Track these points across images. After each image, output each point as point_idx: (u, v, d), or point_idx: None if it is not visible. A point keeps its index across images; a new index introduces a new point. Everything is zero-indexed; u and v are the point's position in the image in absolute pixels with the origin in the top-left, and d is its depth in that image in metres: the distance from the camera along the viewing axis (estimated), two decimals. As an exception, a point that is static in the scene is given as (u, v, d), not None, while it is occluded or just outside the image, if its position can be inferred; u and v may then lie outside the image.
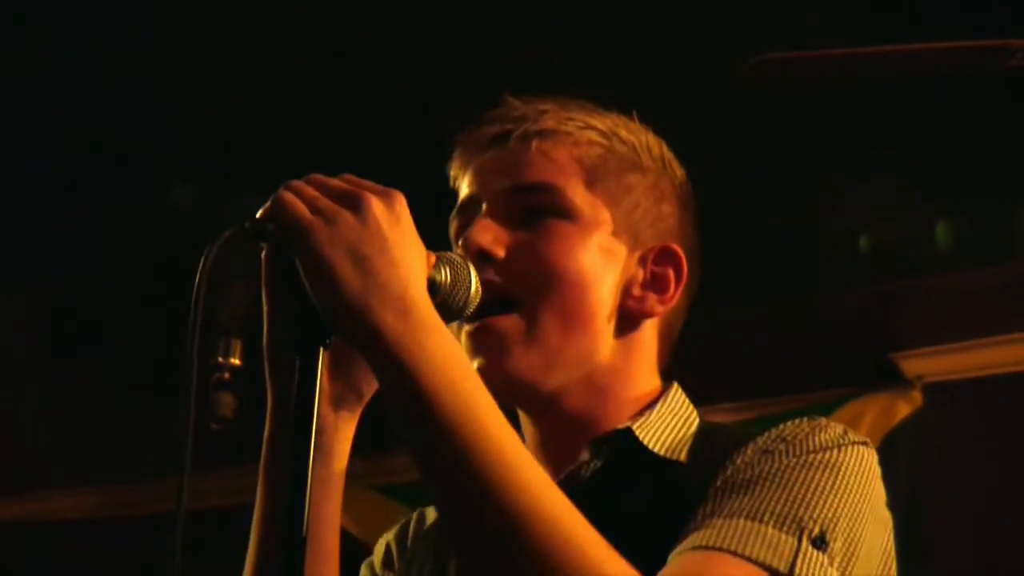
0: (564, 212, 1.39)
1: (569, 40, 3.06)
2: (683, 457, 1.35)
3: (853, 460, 1.30)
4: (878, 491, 1.33)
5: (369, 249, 1.15)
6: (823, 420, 1.34)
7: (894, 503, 1.43)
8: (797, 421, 1.34)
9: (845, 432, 1.33)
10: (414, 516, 1.54)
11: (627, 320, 1.41)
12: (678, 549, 1.21)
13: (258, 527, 1.32)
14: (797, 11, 2.90)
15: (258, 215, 1.18)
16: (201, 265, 1.12)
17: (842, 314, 4.12)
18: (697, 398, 1.46)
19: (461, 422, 1.14)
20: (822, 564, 1.22)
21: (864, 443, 1.33)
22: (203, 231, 1.15)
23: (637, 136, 1.47)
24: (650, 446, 1.35)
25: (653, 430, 1.37)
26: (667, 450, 1.36)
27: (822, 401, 4.11)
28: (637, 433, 1.36)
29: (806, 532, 1.23)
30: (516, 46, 3.03)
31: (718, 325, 3.75)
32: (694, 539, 1.21)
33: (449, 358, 1.16)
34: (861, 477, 1.31)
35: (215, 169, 3.57)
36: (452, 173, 1.47)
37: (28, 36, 3.20)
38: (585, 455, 1.36)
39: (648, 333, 1.44)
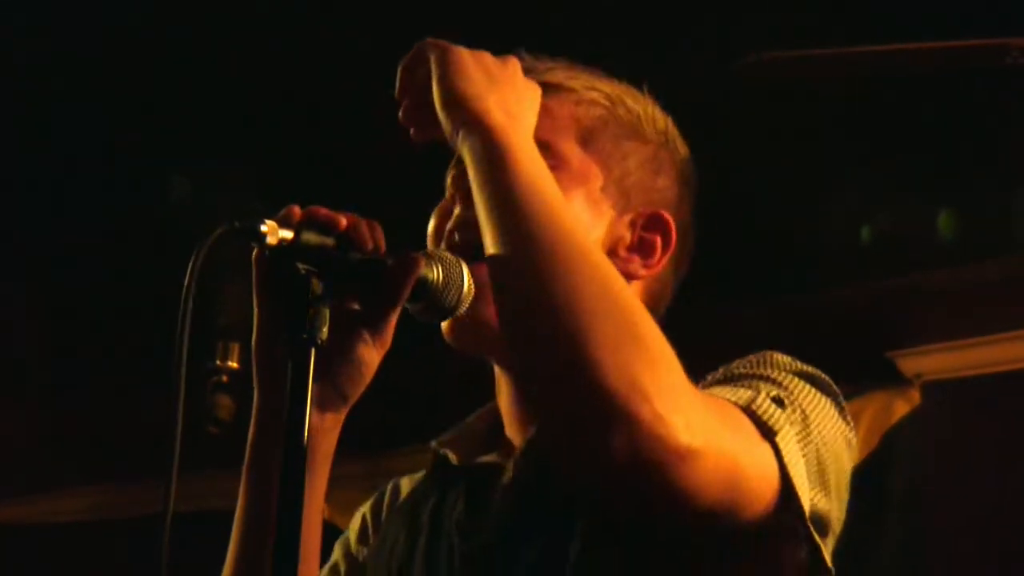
0: (552, 163, 1.37)
1: (567, 36, 3.05)
2: None
3: (802, 383, 1.31)
4: (829, 409, 1.32)
5: (499, 76, 1.30)
6: (771, 352, 1.35)
7: (894, 502, 1.43)
8: (747, 356, 1.36)
9: (793, 361, 1.34)
10: (388, 488, 1.54)
11: None
12: None
13: (239, 530, 1.32)
14: (797, 9, 2.90)
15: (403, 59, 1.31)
16: (190, 265, 1.12)
17: (839, 312, 4.11)
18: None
19: (544, 213, 1.20)
20: (781, 414, 1.24)
21: (820, 381, 1.34)
22: (199, 227, 1.15)
23: (643, 106, 1.48)
24: None
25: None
26: None
27: (820, 400, 4.10)
28: None
29: (763, 391, 1.26)
30: (515, 45, 3.02)
31: (714, 322, 3.75)
32: None
33: (538, 161, 1.25)
34: (811, 391, 1.31)
35: (217, 167, 3.57)
36: None
37: (28, 36, 3.20)
38: None
39: None
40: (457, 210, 1.38)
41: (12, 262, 4.07)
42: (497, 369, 1.42)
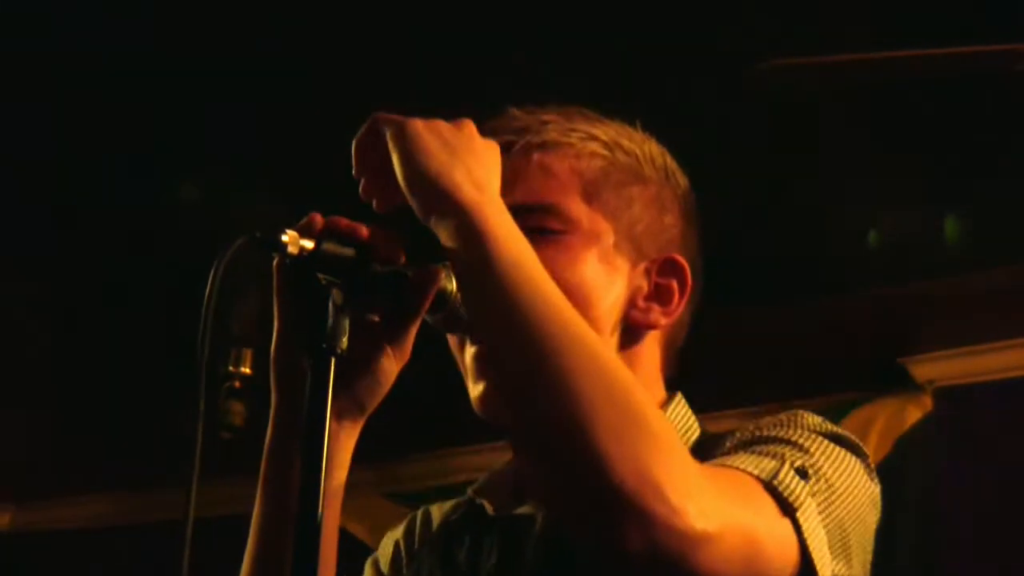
0: (563, 228, 1.39)
1: (571, 40, 3.06)
2: None
3: (830, 445, 1.31)
4: (863, 479, 1.32)
5: (459, 145, 1.25)
6: (800, 410, 1.35)
7: (905, 509, 1.44)
8: (776, 415, 1.35)
9: (824, 422, 1.33)
10: (419, 515, 1.54)
11: (630, 332, 1.42)
12: None
13: (255, 535, 1.32)
14: (803, 16, 2.90)
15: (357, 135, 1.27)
16: (211, 275, 1.13)
17: (851, 318, 4.11)
18: (704, 404, 1.47)
19: (528, 291, 1.18)
20: (804, 487, 1.23)
21: (849, 443, 1.33)
22: (215, 234, 1.16)
23: (640, 147, 1.47)
24: None
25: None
26: None
27: (831, 406, 4.10)
28: None
29: (788, 462, 1.25)
30: (515, 43, 3.03)
31: (725, 329, 3.75)
32: None
33: (516, 234, 1.22)
34: (845, 461, 1.30)
35: (224, 171, 3.57)
36: None
37: (29, 36, 3.21)
38: None
39: (651, 345, 1.44)
40: None
41: (23, 265, 4.07)
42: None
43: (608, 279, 1.40)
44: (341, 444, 1.31)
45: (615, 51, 3.03)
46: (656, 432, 1.14)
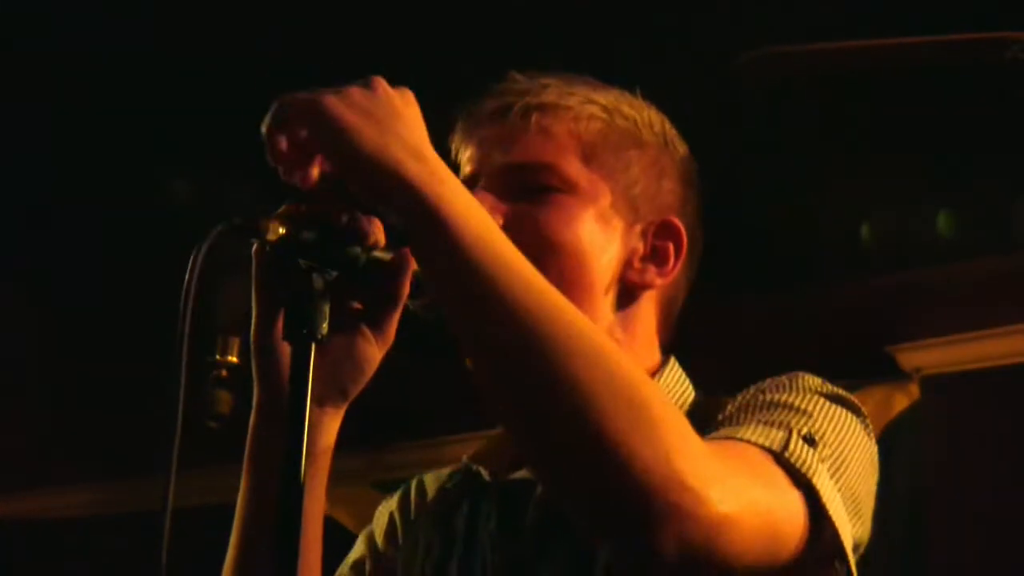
0: (561, 187, 1.40)
1: (566, 32, 3.06)
2: None
3: (832, 406, 1.31)
4: (865, 441, 1.33)
5: (382, 112, 1.16)
6: (801, 372, 1.36)
7: (892, 497, 1.45)
8: (776, 377, 1.36)
9: (824, 383, 1.34)
10: (412, 485, 1.54)
11: (626, 293, 1.42)
12: None
13: (240, 522, 1.32)
14: (795, 4, 2.90)
15: (264, 122, 1.18)
16: (191, 263, 1.12)
17: (838, 307, 4.12)
18: (693, 391, 1.46)
19: (488, 255, 1.12)
20: (813, 454, 1.23)
21: (849, 403, 1.34)
22: (200, 224, 1.15)
23: (639, 112, 1.47)
24: None
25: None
26: None
27: (819, 394, 4.10)
28: None
29: (795, 430, 1.24)
30: (515, 41, 3.02)
31: (712, 318, 3.75)
32: None
33: (466, 197, 1.16)
34: (846, 422, 1.31)
35: (217, 165, 3.57)
36: (453, 147, 1.48)
37: (29, 35, 3.20)
38: None
39: (646, 306, 1.45)
40: None
41: (11, 260, 4.07)
42: None
43: (604, 238, 1.40)
44: (324, 429, 1.30)
45: (606, 45, 3.03)
46: (665, 417, 1.10)
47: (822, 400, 1.31)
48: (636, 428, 1.08)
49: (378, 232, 1.25)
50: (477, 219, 1.15)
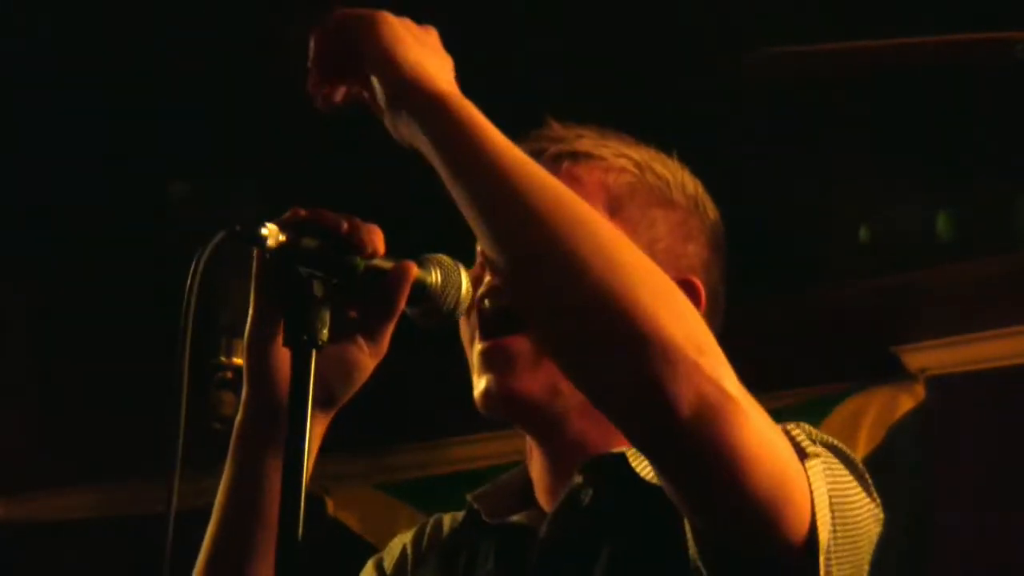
0: None
1: (568, 30, 3.06)
2: None
3: (827, 453, 1.30)
4: (853, 491, 1.31)
5: (429, 41, 1.27)
6: (790, 423, 1.33)
7: (898, 497, 1.43)
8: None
9: (811, 432, 1.32)
10: (430, 522, 1.54)
11: None
12: None
13: (218, 516, 1.32)
14: (799, 5, 2.89)
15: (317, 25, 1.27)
16: (192, 269, 1.12)
17: (843, 307, 4.11)
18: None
19: (510, 160, 1.18)
20: (811, 446, 1.24)
21: (843, 455, 1.32)
22: (205, 229, 1.16)
23: (672, 172, 1.47)
24: (641, 473, 1.35)
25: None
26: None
27: (823, 396, 4.10)
28: (631, 461, 1.35)
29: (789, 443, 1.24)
30: (517, 40, 3.02)
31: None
32: None
33: (489, 124, 1.22)
34: (839, 467, 1.30)
35: (217, 167, 3.57)
36: None
37: (29, 35, 3.20)
38: (578, 479, 1.36)
39: None
40: (487, 277, 1.38)
41: (11, 261, 4.07)
42: (528, 438, 1.43)
43: None
44: (310, 433, 1.30)
45: (610, 46, 3.03)
46: (685, 304, 1.17)
47: (822, 448, 1.29)
48: (664, 293, 1.15)
49: (378, 242, 1.25)
50: (501, 136, 1.20)
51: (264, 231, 1.19)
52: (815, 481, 1.21)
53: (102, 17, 3.10)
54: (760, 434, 1.15)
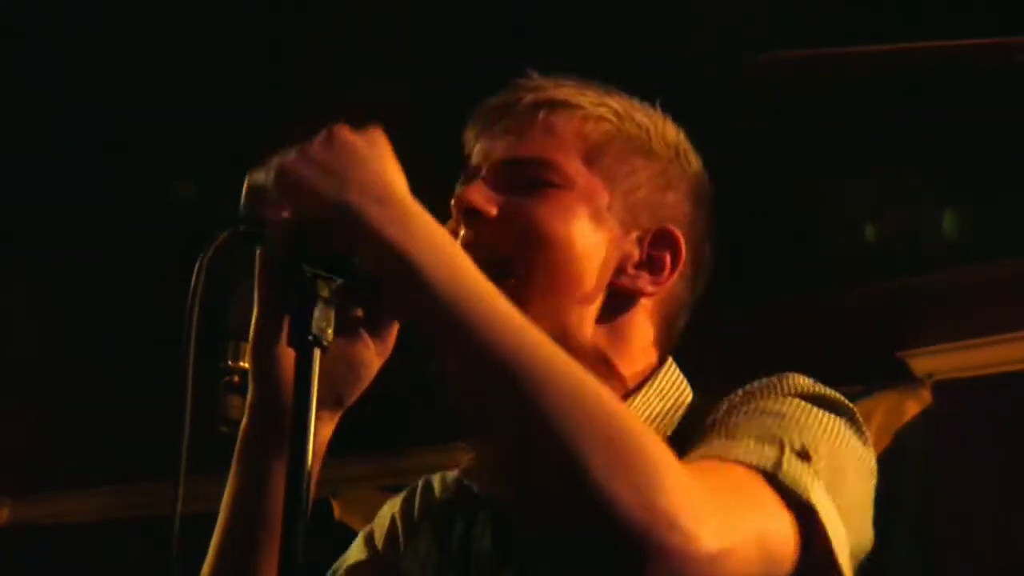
0: (557, 183, 1.38)
1: (569, 34, 3.06)
2: (668, 432, 1.35)
3: (824, 414, 1.29)
4: (856, 445, 1.30)
5: (341, 162, 1.16)
6: (790, 373, 1.33)
7: (904, 501, 1.42)
8: (767, 379, 1.33)
9: (815, 384, 1.32)
10: (420, 485, 1.53)
11: (618, 298, 1.40)
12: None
13: (225, 519, 1.31)
14: (805, 8, 2.89)
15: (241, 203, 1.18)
16: (196, 269, 1.12)
17: (850, 311, 4.11)
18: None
19: (459, 295, 1.11)
20: (807, 470, 1.20)
21: (838, 406, 1.31)
22: (209, 230, 1.15)
23: (653, 121, 1.45)
24: None
25: (637, 411, 1.36)
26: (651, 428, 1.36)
27: (831, 399, 4.09)
28: None
29: (788, 445, 1.21)
30: (518, 42, 3.02)
31: (724, 322, 3.74)
32: None
33: (434, 234, 1.15)
34: (837, 428, 1.28)
35: (221, 165, 3.57)
36: (465, 139, 1.47)
37: (29, 35, 3.20)
38: None
39: (641, 316, 1.42)
40: (461, 231, 1.37)
41: (20, 265, 4.07)
42: None
43: (596, 238, 1.38)
44: (316, 434, 1.30)
45: (609, 45, 3.03)
46: (647, 452, 1.07)
47: (813, 408, 1.28)
48: (617, 467, 1.05)
49: None
50: (445, 260, 1.13)
51: (268, 231, 1.18)
52: (823, 512, 1.19)
53: (104, 17, 3.10)
54: (737, 557, 1.10)
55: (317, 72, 3.23)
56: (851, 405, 1.33)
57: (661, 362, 1.44)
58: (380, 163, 1.18)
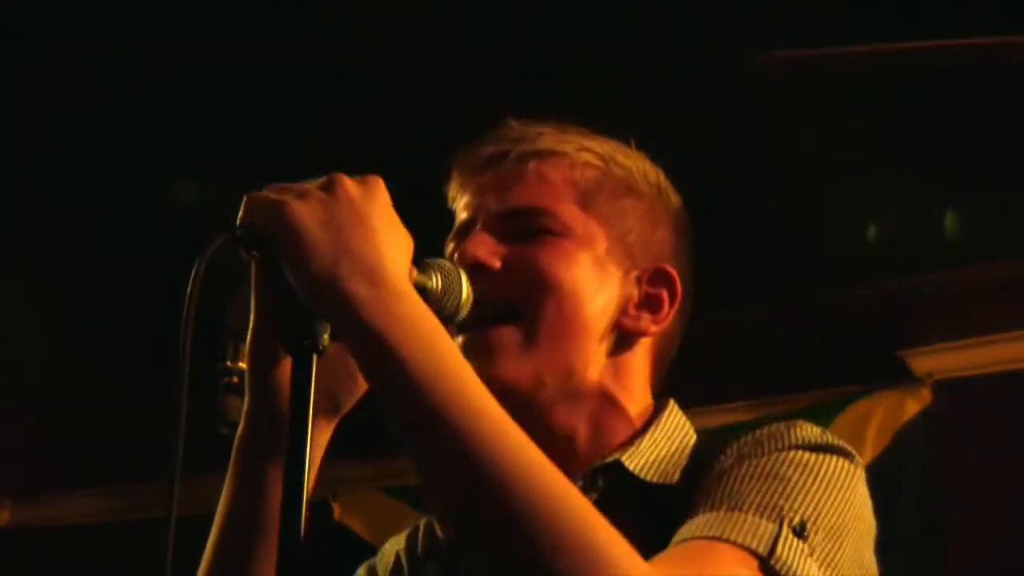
0: (557, 231, 1.40)
1: (575, 34, 3.06)
2: (675, 480, 1.36)
3: (833, 464, 1.29)
4: (861, 497, 1.30)
5: (341, 219, 1.15)
6: (800, 421, 1.33)
7: (905, 500, 1.43)
8: (774, 424, 1.33)
9: (823, 433, 1.32)
10: (422, 525, 1.53)
11: (621, 339, 1.42)
12: (661, 555, 1.20)
13: (220, 525, 1.30)
14: (804, 9, 2.89)
15: (238, 217, 1.17)
16: (193, 273, 1.12)
17: (850, 311, 4.11)
18: (704, 397, 1.46)
19: (437, 389, 1.10)
20: (802, 551, 1.21)
21: (844, 452, 1.31)
22: (210, 230, 1.15)
23: (635, 162, 1.48)
24: (641, 475, 1.35)
25: (644, 458, 1.37)
26: (659, 476, 1.36)
27: (830, 399, 4.10)
28: (627, 464, 1.36)
29: (786, 519, 1.22)
30: (517, 45, 3.02)
31: (724, 323, 3.74)
32: (676, 538, 1.21)
33: (420, 322, 1.14)
34: (842, 480, 1.28)
35: (220, 167, 3.57)
36: (450, 193, 1.48)
37: (29, 36, 3.21)
38: (579, 484, 1.34)
39: (641, 355, 1.44)
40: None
41: (18, 265, 4.07)
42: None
43: (599, 283, 1.40)
44: (313, 441, 1.30)
45: (612, 48, 3.03)
46: (612, 552, 1.07)
47: (819, 463, 1.28)
48: (581, 555, 1.06)
49: None
50: (424, 352, 1.12)
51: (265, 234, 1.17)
52: None
53: (104, 17, 3.11)
54: None
55: (317, 71, 3.23)
56: (854, 453, 1.32)
57: (655, 398, 1.46)
58: (379, 221, 1.17)
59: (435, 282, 1.27)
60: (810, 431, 1.32)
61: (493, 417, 1.11)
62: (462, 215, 1.45)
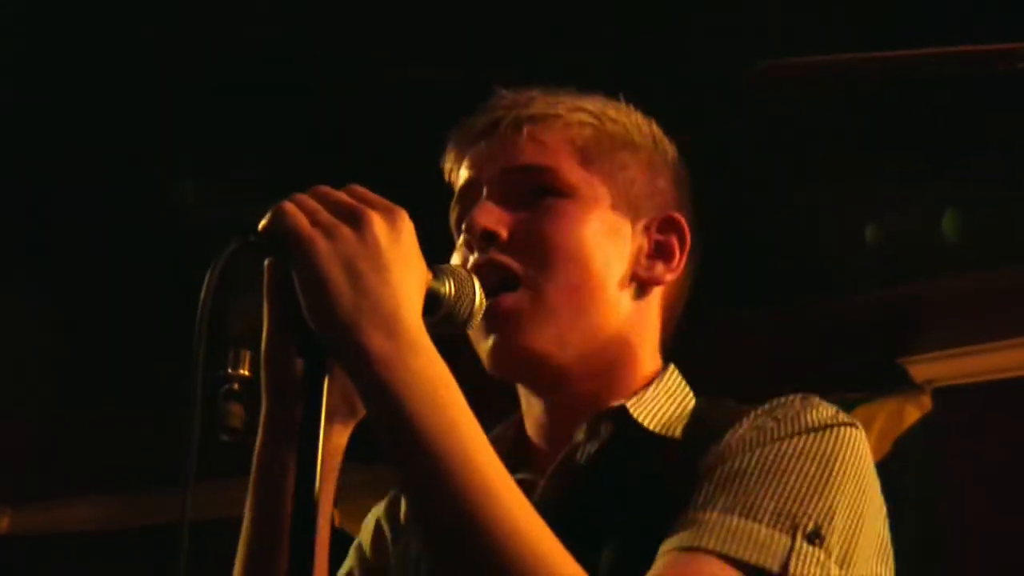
0: (561, 191, 1.40)
1: (569, 41, 3.06)
2: (677, 434, 1.36)
3: (847, 446, 1.29)
4: (872, 476, 1.31)
5: (365, 265, 1.15)
6: (814, 398, 1.34)
7: (904, 508, 1.44)
8: (789, 397, 1.34)
9: (836, 413, 1.33)
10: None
11: (638, 290, 1.43)
12: (666, 546, 1.20)
13: (246, 541, 1.31)
14: (803, 14, 2.90)
15: (260, 226, 1.17)
16: (206, 279, 1.12)
17: (851, 318, 4.11)
18: (704, 403, 1.45)
19: (443, 447, 1.13)
20: (818, 560, 1.21)
21: (854, 424, 1.33)
22: (213, 234, 1.15)
23: (627, 115, 1.48)
24: (644, 423, 1.36)
25: (647, 408, 1.38)
26: (661, 427, 1.37)
27: (831, 406, 4.10)
28: (631, 411, 1.37)
29: (800, 528, 1.22)
30: (517, 47, 3.03)
31: (725, 329, 3.75)
32: (682, 538, 1.21)
33: (435, 380, 1.16)
34: (856, 464, 1.29)
35: (223, 170, 3.57)
36: (446, 167, 1.49)
37: (29, 36, 3.21)
38: (580, 435, 1.37)
39: (653, 306, 1.45)
40: (471, 257, 1.39)
41: (21, 270, 4.07)
42: (525, 390, 1.44)
43: (609, 240, 1.41)
44: (331, 445, 1.30)
45: (609, 52, 3.03)
46: None
47: (834, 448, 1.29)
48: None
49: None
50: (435, 408, 1.15)
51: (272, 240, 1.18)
52: None
53: (105, 17, 3.11)
54: None
55: (317, 73, 3.23)
56: (862, 432, 1.34)
57: (664, 356, 1.46)
58: (403, 273, 1.18)
59: (448, 288, 1.27)
60: (825, 410, 1.32)
61: (491, 477, 1.14)
62: (463, 178, 1.45)
